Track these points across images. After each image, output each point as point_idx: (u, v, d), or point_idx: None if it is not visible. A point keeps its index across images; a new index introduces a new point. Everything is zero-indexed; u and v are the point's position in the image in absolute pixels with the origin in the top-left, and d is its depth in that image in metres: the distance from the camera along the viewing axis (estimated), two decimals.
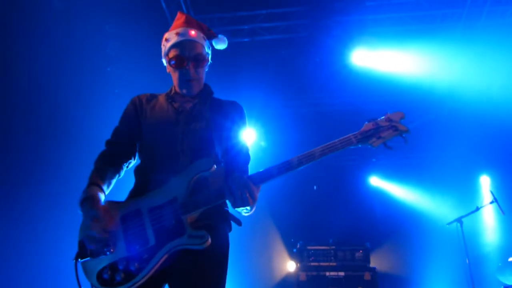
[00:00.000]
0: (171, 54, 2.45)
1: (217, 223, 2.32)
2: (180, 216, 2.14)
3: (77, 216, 2.23)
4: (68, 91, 5.37)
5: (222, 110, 2.52)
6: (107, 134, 2.57)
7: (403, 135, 2.29)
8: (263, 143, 9.03)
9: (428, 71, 7.41)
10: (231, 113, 2.53)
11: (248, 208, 2.16)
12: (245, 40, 7.28)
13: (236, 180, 2.11)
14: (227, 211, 2.42)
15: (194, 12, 6.82)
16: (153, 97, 2.58)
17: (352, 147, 2.27)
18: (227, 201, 2.30)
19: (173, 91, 2.57)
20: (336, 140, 2.24)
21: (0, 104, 4.44)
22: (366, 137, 2.27)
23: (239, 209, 2.18)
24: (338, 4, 6.73)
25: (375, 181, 10.61)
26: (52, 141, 5.10)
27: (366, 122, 2.32)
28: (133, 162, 2.54)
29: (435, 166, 9.41)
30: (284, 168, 2.18)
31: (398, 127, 2.28)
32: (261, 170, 2.20)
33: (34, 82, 4.86)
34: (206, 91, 2.59)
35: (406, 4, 6.81)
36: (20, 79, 4.69)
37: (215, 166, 2.23)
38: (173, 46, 2.45)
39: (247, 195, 2.08)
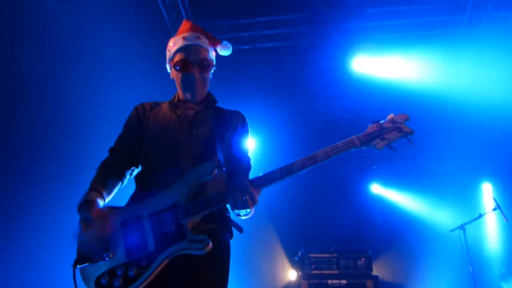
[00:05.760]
0: (176, 58, 2.46)
1: (218, 229, 2.29)
2: (181, 220, 2.11)
3: (76, 221, 2.20)
4: (70, 97, 5.37)
5: (225, 118, 2.52)
6: (111, 141, 2.56)
7: (408, 137, 2.26)
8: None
9: (428, 77, 7.41)
10: (234, 122, 2.53)
11: (248, 210, 2.13)
12: (245, 47, 7.30)
13: (236, 183, 2.10)
14: (229, 217, 2.40)
15: (194, 20, 6.81)
16: (156, 104, 2.58)
17: (355, 149, 2.25)
18: (228, 206, 2.27)
19: (176, 99, 2.57)
20: (339, 143, 2.23)
21: (0, 109, 4.44)
22: (370, 139, 2.26)
23: (238, 211, 2.16)
24: (338, 11, 6.74)
25: (376, 189, 10.57)
26: (54, 147, 5.10)
27: (370, 124, 2.30)
28: (137, 170, 2.52)
29: (437, 173, 9.37)
30: (286, 171, 2.17)
31: (402, 129, 2.26)
32: (262, 174, 2.18)
33: (33, 87, 4.86)
34: (209, 99, 2.59)
35: (406, 11, 6.82)
36: (19, 84, 4.69)
37: (217, 171, 2.20)
38: (179, 50, 2.45)
39: (247, 197, 2.06)
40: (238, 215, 2.22)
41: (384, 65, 7.41)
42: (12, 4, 4.57)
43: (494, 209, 6.47)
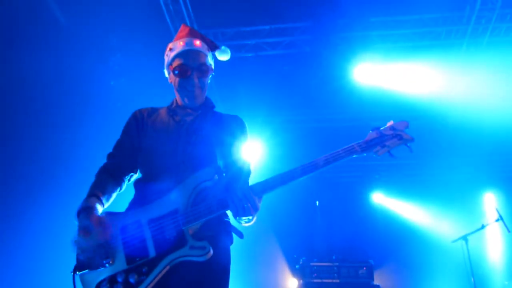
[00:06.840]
0: (175, 63, 2.44)
1: (218, 235, 2.27)
2: (181, 227, 2.10)
3: (75, 227, 2.19)
4: (73, 102, 5.40)
5: (223, 124, 2.50)
6: (109, 147, 2.55)
7: (408, 144, 2.27)
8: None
9: (432, 87, 7.40)
10: (232, 127, 2.51)
11: (250, 217, 2.12)
12: (249, 55, 7.30)
13: (237, 189, 2.08)
14: (228, 222, 2.38)
15: (198, 27, 6.86)
16: (154, 110, 2.57)
17: (355, 155, 2.25)
18: (228, 212, 2.26)
19: (174, 104, 2.55)
20: (339, 149, 2.23)
21: (7, 117, 4.47)
22: (370, 145, 2.27)
23: (240, 218, 2.14)
24: (341, 19, 6.75)
25: (378, 198, 10.53)
26: (55, 150, 5.12)
27: (370, 131, 2.31)
28: (135, 176, 2.51)
29: (440, 183, 9.34)
30: (287, 177, 2.16)
31: (402, 136, 2.28)
32: (263, 180, 2.17)
33: (37, 92, 4.90)
34: (207, 104, 2.57)
35: (410, 21, 6.82)
36: (24, 89, 4.73)
37: (217, 176, 2.19)
38: (178, 55, 2.43)
39: (249, 204, 2.05)
40: (240, 222, 2.20)
41: (387, 74, 7.41)
42: (19, 13, 4.62)
43: (497, 220, 6.43)
